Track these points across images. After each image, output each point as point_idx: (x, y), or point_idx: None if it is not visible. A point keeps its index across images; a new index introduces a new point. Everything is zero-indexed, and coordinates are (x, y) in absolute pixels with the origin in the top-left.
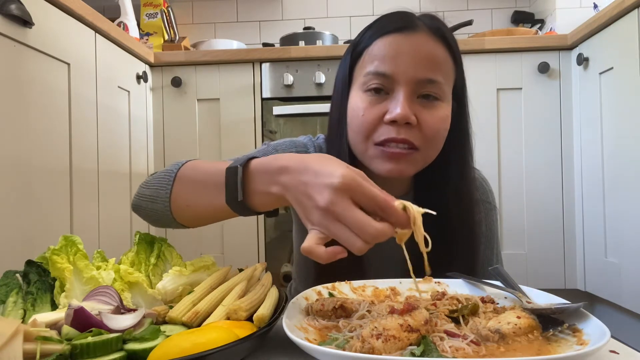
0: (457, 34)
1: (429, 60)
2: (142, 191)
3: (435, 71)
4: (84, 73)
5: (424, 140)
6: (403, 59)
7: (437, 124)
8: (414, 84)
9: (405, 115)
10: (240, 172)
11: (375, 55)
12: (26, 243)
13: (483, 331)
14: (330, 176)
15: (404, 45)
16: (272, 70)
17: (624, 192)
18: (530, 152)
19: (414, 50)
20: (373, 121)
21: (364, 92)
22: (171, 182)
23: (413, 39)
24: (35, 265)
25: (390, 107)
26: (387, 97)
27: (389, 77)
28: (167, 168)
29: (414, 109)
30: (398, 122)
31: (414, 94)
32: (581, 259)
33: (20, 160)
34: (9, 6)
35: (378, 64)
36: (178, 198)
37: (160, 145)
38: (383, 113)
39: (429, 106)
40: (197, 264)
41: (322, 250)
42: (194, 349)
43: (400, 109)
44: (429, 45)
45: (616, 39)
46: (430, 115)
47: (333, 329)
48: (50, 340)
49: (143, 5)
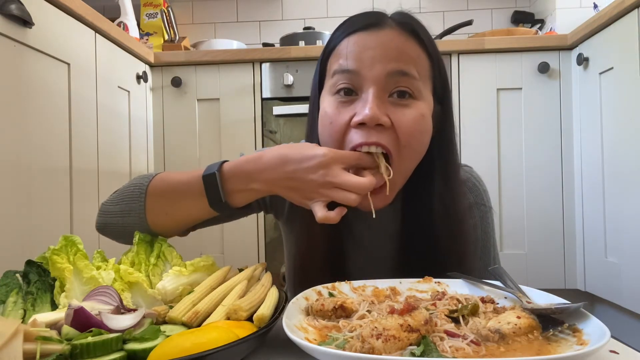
0: (457, 34)
1: (399, 53)
2: (109, 208)
3: (407, 63)
4: (84, 73)
5: (398, 144)
6: (369, 53)
7: (413, 124)
8: (384, 80)
9: (373, 115)
10: (218, 176)
11: (340, 54)
12: (26, 243)
13: (483, 331)
14: (315, 157)
15: (370, 41)
16: (272, 70)
17: (624, 192)
18: (530, 152)
19: (380, 44)
20: (342, 127)
21: (332, 95)
22: (144, 195)
23: (380, 35)
24: (35, 265)
25: (358, 109)
26: (357, 98)
27: (355, 74)
28: (133, 183)
29: (385, 109)
30: (367, 124)
31: (385, 92)
32: (581, 259)
33: (20, 160)
34: (9, 6)
35: (342, 62)
36: (154, 207)
37: (160, 145)
38: (352, 116)
39: (403, 105)
40: (197, 264)
41: (333, 214)
42: (194, 349)
43: (368, 110)
44: (397, 40)
45: (616, 39)
46: (403, 116)
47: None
48: (50, 340)
49: (143, 5)
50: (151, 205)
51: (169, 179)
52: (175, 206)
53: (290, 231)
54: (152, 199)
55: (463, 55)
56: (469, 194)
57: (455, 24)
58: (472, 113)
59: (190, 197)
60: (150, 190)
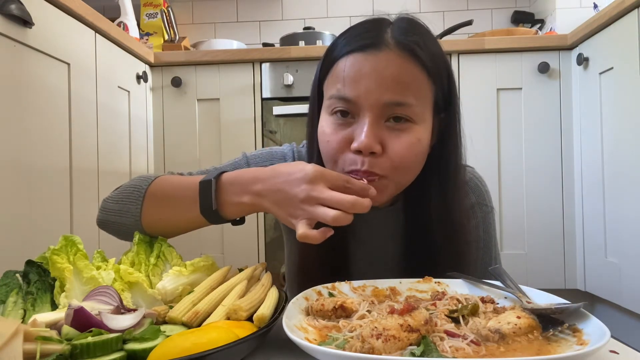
0: (457, 34)
1: (395, 82)
2: (109, 205)
3: (403, 92)
4: (84, 73)
5: (390, 169)
6: (365, 81)
7: (405, 150)
8: (380, 108)
9: (368, 144)
10: (213, 184)
11: (337, 77)
12: (26, 243)
13: (483, 331)
14: (302, 171)
15: (366, 67)
16: (272, 70)
17: (624, 192)
18: (530, 152)
19: (377, 72)
20: (339, 148)
21: (330, 115)
22: (141, 197)
23: (377, 60)
24: (35, 265)
25: (356, 135)
26: (354, 121)
27: (352, 102)
28: (133, 183)
29: (380, 135)
30: (362, 151)
31: (381, 118)
32: (581, 259)
33: (20, 160)
34: (9, 6)
35: (340, 88)
36: (150, 212)
37: (160, 145)
38: (348, 138)
39: (398, 130)
40: (197, 264)
41: (314, 232)
42: (194, 349)
43: (364, 137)
44: (394, 65)
45: (616, 39)
46: (398, 142)
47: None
48: (50, 340)
49: (143, 5)
50: (147, 208)
51: (168, 182)
52: (169, 212)
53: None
54: (149, 203)
55: (463, 55)
56: (471, 194)
57: (455, 24)
58: (472, 113)
59: (184, 203)
60: (148, 194)
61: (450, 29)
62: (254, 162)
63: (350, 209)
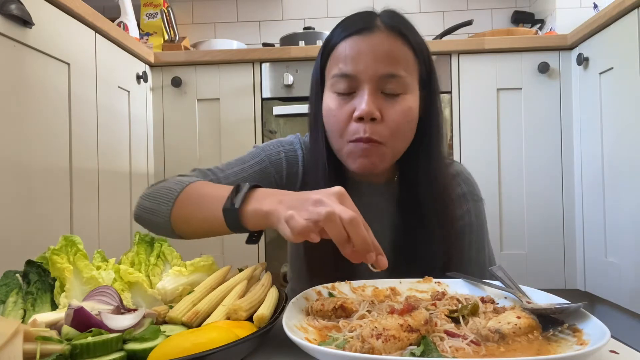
0: (457, 34)
1: (388, 57)
2: (143, 203)
3: (395, 65)
4: (84, 73)
5: (388, 134)
6: (363, 58)
7: (400, 117)
8: (377, 80)
9: (369, 111)
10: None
11: (339, 58)
12: (26, 243)
13: (483, 331)
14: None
15: (363, 46)
16: (272, 70)
17: (624, 192)
18: (530, 152)
19: (372, 49)
20: (344, 120)
21: (334, 92)
22: (173, 200)
23: (372, 39)
24: (35, 265)
25: (357, 105)
26: (355, 96)
27: (353, 77)
28: (168, 185)
29: (378, 104)
30: (364, 117)
31: (378, 90)
32: (581, 259)
33: (20, 160)
34: (9, 6)
35: (342, 66)
36: (180, 215)
37: (160, 145)
38: (352, 111)
39: (393, 100)
40: (197, 264)
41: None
42: (194, 349)
43: (365, 105)
44: (387, 43)
45: (616, 39)
46: (393, 110)
47: (333, 329)
48: (50, 340)
49: (143, 5)
50: (177, 212)
51: (200, 190)
52: (198, 219)
53: None
54: (180, 207)
55: (463, 55)
56: (462, 184)
57: (455, 24)
58: (472, 113)
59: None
60: (181, 198)
61: (450, 29)
62: (268, 150)
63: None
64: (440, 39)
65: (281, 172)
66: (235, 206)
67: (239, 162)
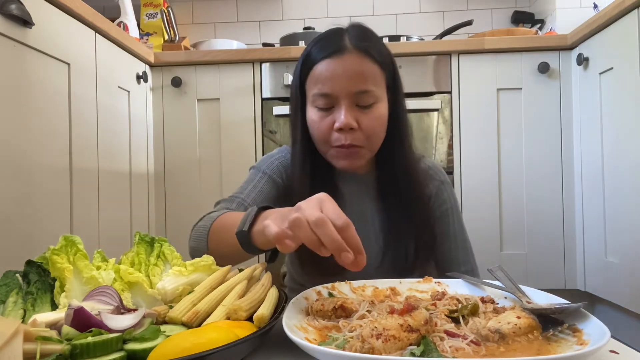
0: (457, 34)
1: (359, 76)
2: (190, 244)
3: (366, 82)
4: (84, 73)
5: (365, 139)
6: (337, 80)
7: (374, 123)
8: (351, 96)
9: (347, 123)
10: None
11: (318, 79)
12: (26, 243)
13: (483, 331)
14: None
15: (337, 68)
16: (272, 70)
17: (624, 192)
18: (530, 152)
19: (345, 70)
20: (326, 130)
21: (314, 107)
22: (206, 237)
23: (344, 61)
24: (35, 265)
25: (337, 118)
26: (333, 110)
27: (331, 96)
28: (203, 223)
29: (354, 116)
30: (344, 128)
31: (353, 103)
32: (581, 259)
33: (21, 160)
34: (9, 6)
35: (321, 87)
36: (213, 248)
37: (160, 145)
38: (332, 122)
39: (367, 110)
40: (197, 264)
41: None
42: (194, 349)
43: (344, 118)
44: (356, 64)
45: (616, 39)
46: (367, 118)
47: (333, 329)
48: (50, 340)
49: (143, 5)
50: (211, 245)
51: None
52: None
53: None
54: (211, 241)
55: (463, 55)
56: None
57: (455, 24)
58: (472, 113)
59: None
60: (210, 232)
61: (450, 29)
62: (264, 163)
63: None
64: (440, 39)
65: (282, 175)
66: (244, 229)
67: (248, 182)
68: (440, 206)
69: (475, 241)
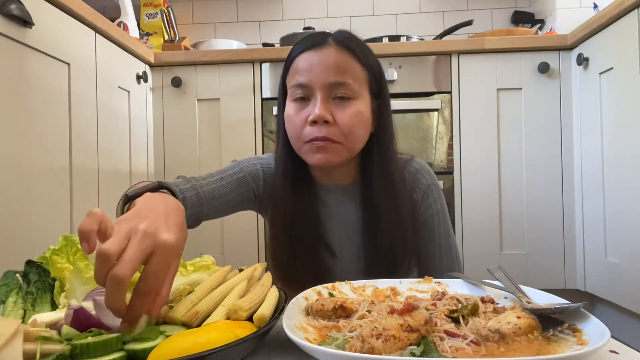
0: (457, 34)
1: (336, 67)
2: None
3: (343, 75)
4: (84, 73)
5: (341, 135)
6: (315, 69)
7: (350, 119)
8: (327, 88)
9: (321, 115)
10: None
11: (296, 70)
12: (26, 243)
13: (483, 331)
14: None
15: (315, 59)
16: (272, 70)
17: (624, 192)
18: (530, 152)
19: (323, 61)
20: (300, 124)
21: (292, 101)
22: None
23: (322, 53)
24: (35, 265)
25: (311, 110)
26: (309, 103)
27: (307, 86)
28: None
29: (330, 109)
30: (317, 121)
31: (329, 96)
32: (581, 259)
33: (21, 160)
34: (9, 6)
35: (298, 77)
36: None
37: (160, 145)
38: (307, 116)
39: (343, 105)
40: (197, 264)
41: None
42: (194, 349)
43: (318, 110)
44: (334, 55)
45: (616, 39)
46: (343, 113)
47: (333, 329)
48: (50, 340)
49: (143, 5)
50: None
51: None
52: None
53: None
54: None
55: (463, 55)
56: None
57: (455, 24)
58: (472, 113)
59: None
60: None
61: (450, 29)
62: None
63: None
64: (440, 39)
65: (258, 181)
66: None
67: (220, 172)
68: (426, 211)
69: (475, 241)
